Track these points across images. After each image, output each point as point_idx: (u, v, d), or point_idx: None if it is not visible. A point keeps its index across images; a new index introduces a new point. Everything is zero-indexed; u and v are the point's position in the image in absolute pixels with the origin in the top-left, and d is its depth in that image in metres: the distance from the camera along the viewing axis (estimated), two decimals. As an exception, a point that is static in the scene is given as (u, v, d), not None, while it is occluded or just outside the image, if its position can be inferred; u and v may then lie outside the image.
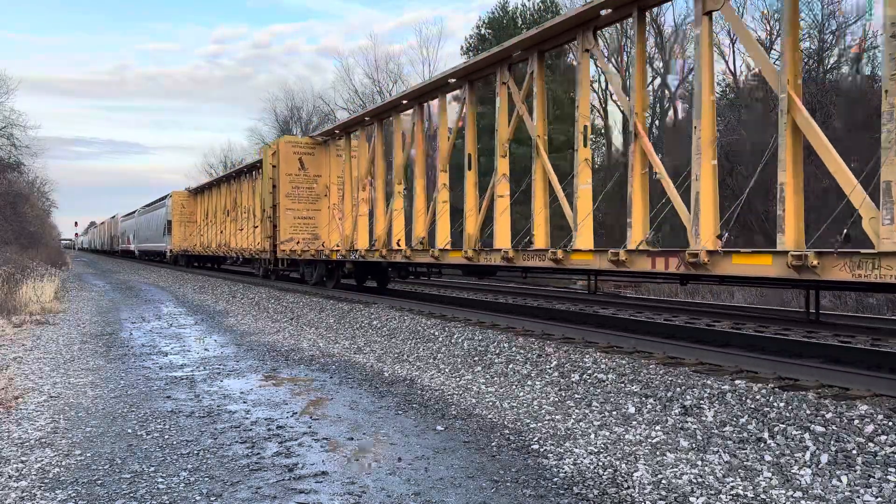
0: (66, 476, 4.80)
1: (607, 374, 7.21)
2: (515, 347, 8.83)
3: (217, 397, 7.15)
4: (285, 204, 19.96)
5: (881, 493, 4.22)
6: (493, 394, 7.16)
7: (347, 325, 12.48)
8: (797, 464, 4.73)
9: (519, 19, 37.54)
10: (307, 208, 20.15)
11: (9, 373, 8.22)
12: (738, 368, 7.27)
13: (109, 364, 9.18)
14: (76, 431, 5.88)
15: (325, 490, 4.51)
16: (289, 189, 19.92)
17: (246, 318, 14.49)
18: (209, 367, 8.88)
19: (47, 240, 51.88)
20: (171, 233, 38.40)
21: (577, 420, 6.07)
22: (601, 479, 4.66)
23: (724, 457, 4.98)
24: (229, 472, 4.85)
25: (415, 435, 5.74)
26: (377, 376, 8.20)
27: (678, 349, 8.19)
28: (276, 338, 11.57)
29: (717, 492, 4.37)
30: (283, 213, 19.87)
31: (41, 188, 54.18)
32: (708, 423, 5.65)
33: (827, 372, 6.74)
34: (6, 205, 36.97)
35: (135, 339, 11.70)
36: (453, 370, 8.42)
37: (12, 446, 5.45)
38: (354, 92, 49.52)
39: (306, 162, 20.23)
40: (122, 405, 6.81)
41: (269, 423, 6.08)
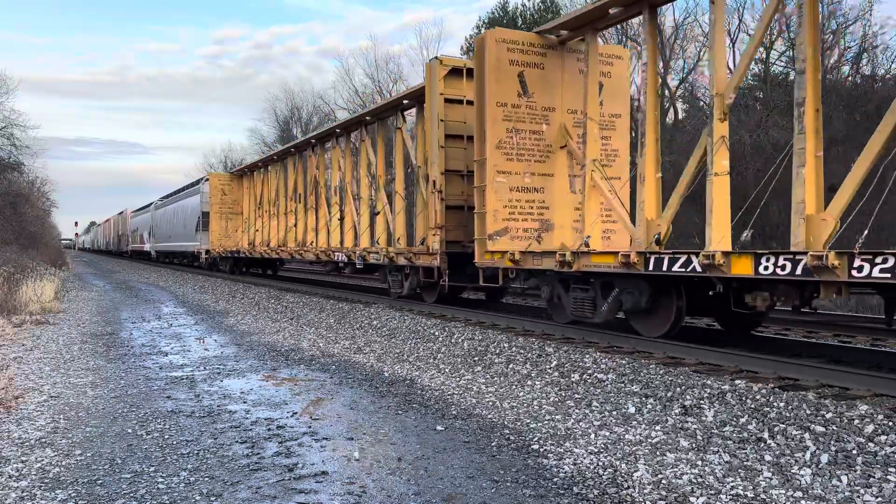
0: (67, 476, 4.80)
1: (607, 374, 7.22)
2: (515, 347, 8.83)
3: (217, 397, 7.15)
4: (495, 163, 10.84)
5: (881, 493, 4.22)
6: (493, 394, 7.16)
7: (347, 325, 12.47)
8: (797, 464, 4.73)
9: (519, 19, 37.55)
10: (532, 173, 11.15)
11: (9, 373, 8.22)
12: (738, 368, 7.28)
13: (109, 364, 9.18)
14: (76, 431, 5.88)
15: (325, 490, 4.51)
16: (502, 134, 10.84)
17: (246, 318, 14.49)
18: (209, 367, 8.88)
19: (47, 240, 51.87)
20: (208, 228, 29.39)
21: (577, 420, 6.07)
22: (601, 478, 4.66)
23: (724, 457, 4.98)
24: (229, 472, 4.85)
25: (415, 435, 5.74)
26: (377, 376, 8.20)
27: (678, 349, 8.19)
28: (277, 338, 11.57)
29: (717, 492, 4.37)
30: (491, 179, 10.86)
31: (41, 188, 53.98)
32: (708, 423, 5.65)
33: (827, 372, 6.74)
34: (6, 205, 36.97)
35: (135, 338, 11.70)
36: (453, 370, 8.42)
37: (12, 446, 5.45)
38: (354, 92, 49.58)
39: (531, 80, 11.05)
40: (123, 405, 6.81)
41: (270, 423, 6.08)
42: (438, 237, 12.62)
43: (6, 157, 38.06)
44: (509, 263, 10.48)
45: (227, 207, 29.21)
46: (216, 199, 29.08)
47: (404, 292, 14.37)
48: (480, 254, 11.08)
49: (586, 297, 9.47)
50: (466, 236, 12.49)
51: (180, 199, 36.70)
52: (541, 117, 11.30)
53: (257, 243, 25.95)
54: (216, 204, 29.04)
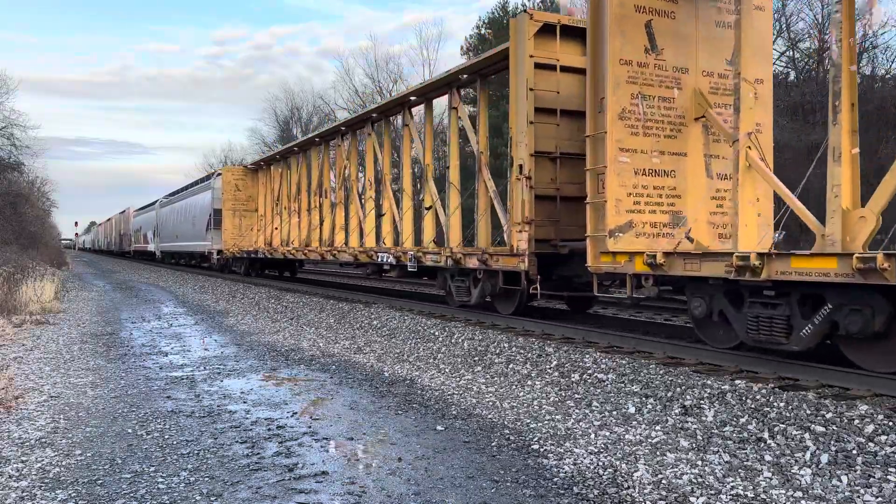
0: (67, 476, 4.80)
1: (607, 374, 7.22)
2: (515, 347, 8.83)
3: (217, 397, 7.15)
4: (618, 137, 8.58)
5: (881, 492, 4.22)
6: (493, 394, 7.16)
7: (347, 325, 12.48)
8: (797, 464, 4.74)
9: (519, 19, 37.51)
10: (660, 151, 8.92)
11: (9, 373, 8.22)
12: (738, 368, 7.27)
13: (109, 364, 9.18)
14: (76, 431, 5.88)
15: (325, 490, 4.51)
16: (625, 101, 8.68)
17: (246, 318, 14.49)
18: (209, 367, 8.88)
19: (47, 240, 51.86)
20: (221, 227, 26.84)
21: (577, 420, 6.07)
22: (601, 478, 4.66)
23: (724, 457, 4.98)
24: (229, 472, 4.85)
25: (415, 435, 5.74)
26: (377, 376, 8.20)
27: (678, 349, 8.18)
28: (277, 338, 11.57)
29: (717, 492, 4.37)
30: (612, 159, 8.50)
31: (41, 188, 53.96)
32: (708, 423, 5.65)
33: (827, 372, 6.74)
34: (6, 205, 36.97)
35: (135, 338, 11.70)
36: (453, 370, 8.42)
37: (13, 446, 5.45)
38: (354, 92, 49.59)
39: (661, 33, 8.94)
40: (123, 405, 6.81)
41: (270, 423, 6.08)
42: (526, 234, 10.22)
43: (6, 157, 38.09)
44: (643, 268, 7.96)
45: (241, 204, 26.41)
46: (229, 196, 26.26)
47: (472, 300, 11.99)
48: (594, 255, 8.65)
49: (776, 316, 6.93)
50: (557, 234, 10.63)
51: (189, 196, 33.91)
52: (671, 80, 8.98)
53: (276, 243, 23.26)
54: (229, 200, 26.25)
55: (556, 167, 10.96)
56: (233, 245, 26.23)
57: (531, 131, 10.48)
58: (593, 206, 8.75)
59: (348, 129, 18.38)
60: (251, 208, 26.54)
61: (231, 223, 26.32)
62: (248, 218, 26.46)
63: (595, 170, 8.77)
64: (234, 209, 26.39)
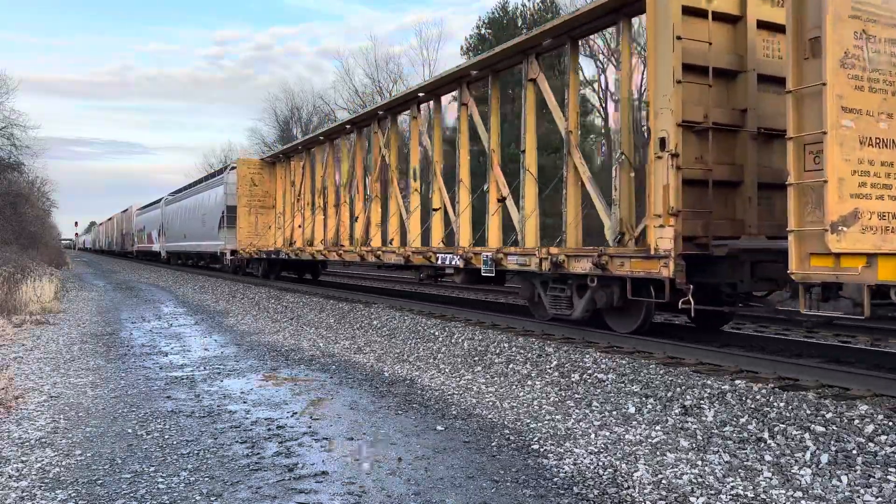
0: (67, 476, 4.80)
1: (607, 374, 7.22)
2: (515, 347, 8.83)
3: (217, 397, 7.15)
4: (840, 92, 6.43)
5: (881, 493, 4.22)
6: (493, 394, 7.16)
7: (347, 325, 12.48)
8: (797, 464, 4.74)
9: (519, 20, 37.56)
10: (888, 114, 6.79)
11: (9, 373, 8.22)
12: (738, 368, 7.28)
13: (109, 364, 9.18)
14: (76, 431, 5.88)
15: (325, 490, 4.51)
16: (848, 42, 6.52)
17: (246, 318, 14.49)
18: (209, 367, 8.88)
19: (47, 240, 51.83)
20: (235, 225, 24.70)
21: (577, 420, 6.07)
22: (601, 478, 4.66)
23: (724, 457, 4.98)
24: (229, 472, 4.85)
25: (415, 435, 5.74)
26: (377, 376, 8.20)
27: (678, 349, 8.19)
28: (277, 338, 11.57)
29: (717, 492, 4.37)
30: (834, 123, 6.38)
31: (41, 188, 54.00)
32: (708, 423, 5.66)
33: (827, 372, 6.74)
34: (6, 205, 36.97)
35: (135, 338, 11.70)
36: (453, 370, 8.42)
37: (12, 446, 5.45)
38: (354, 92, 49.57)
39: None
40: (123, 405, 6.81)
41: (270, 423, 6.08)
42: (671, 231, 7.92)
43: (6, 157, 38.08)
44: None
45: (258, 200, 24.22)
46: (244, 191, 24.00)
47: (575, 314, 9.64)
48: (802, 257, 6.56)
49: None
50: (705, 229, 8.31)
51: (199, 192, 31.65)
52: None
53: (299, 243, 21.08)
54: (244, 196, 24.00)
55: (705, 142, 8.44)
56: (248, 245, 24.02)
57: (678, 94, 8.10)
58: (800, 189, 6.58)
59: (387, 112, 16.13)
60: (268, 205, 24.26)
61: (246, 221, 24.03)
62: (266, 215, 24.14)
63: (802, 139, 6.58)
64: (250, 206, 24.07)
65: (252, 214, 24.15)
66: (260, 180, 24.38)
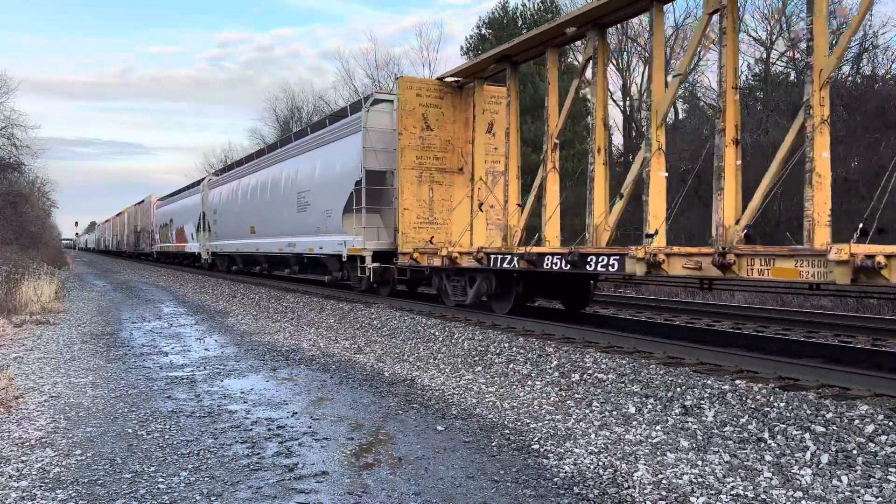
0: (67, 476, 4.80)
1: (607, 374, 7.21)
2: (516, 347, 8.83)
3: (217, 397, 7.15)
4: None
5: (881, 493, 4.22)
6: (493, 394, 7.16)
7: (348, 325, 12.47)
8: (797, 464, 4.74)
9: (519, 20, 37.56)
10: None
11: (9, 373, 8.22)
12: (739, 368, 7.28)
13: (110, 364, 9.18)
14: (76, 431, 5.88)
15: (325, 490, 4.51)
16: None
17: (246, 318, 14.49)
18: (209, 367, 8.88)
19: (48, 240, 51.84)
20: (381, 205, 14.66)
21: (577, 420, 6.07)
22: (601, 478, 4.66)
23: (724, 457, 4.98)
24: (230, 471, 4.85)
25: (415, 435, 5.74)
26: (377, 376, 8.20)
27: (678, 349, 8.19)
28: (277, 337, 11.57)
29: (717, 492, 4.37)
30: None
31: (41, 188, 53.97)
32: (708, 423, 5.65)
33: (827, 372, 6.74)
34: (7, 205, 36.98)
35: (135, 338, 11.70)
36: (454, 370, 8.42)
37: (13, 446, 5.45)
38: (354, 92, 49.50)
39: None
40: (123, 405, 6.81)
41: (270, 423, 6.08)
42: None
43: (6, 157, 38.08)
44: None
45: (433, 158, 13.84)
46: (411, 140, 13.55)
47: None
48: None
49: None
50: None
51: (295, 156, 19.05)
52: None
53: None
54: (410, 150, 13.56)
55: None
56: (419, 241, 13.47)
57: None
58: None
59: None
60: (449, 167, 13.92)
61: (414, 196, 13.59)
62: (445, 186, 13.87)
63: None
64: (421, 168, 13.66)
65: (424, 183, 13.60)
66: (439, 120, 13.62)
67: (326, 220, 16.40)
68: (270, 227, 20.74)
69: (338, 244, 15.63)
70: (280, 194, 20.01)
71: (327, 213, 16.33)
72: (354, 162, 14.87)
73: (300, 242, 18.12)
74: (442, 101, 13.95)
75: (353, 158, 15.03)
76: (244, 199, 23.83)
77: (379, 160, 14.39)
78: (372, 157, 14.36)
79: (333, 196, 16.00)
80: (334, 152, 16.30)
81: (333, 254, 15.99)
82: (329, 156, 16.65)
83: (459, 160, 14.11)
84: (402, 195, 13.61)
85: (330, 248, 16.17)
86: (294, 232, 18.59)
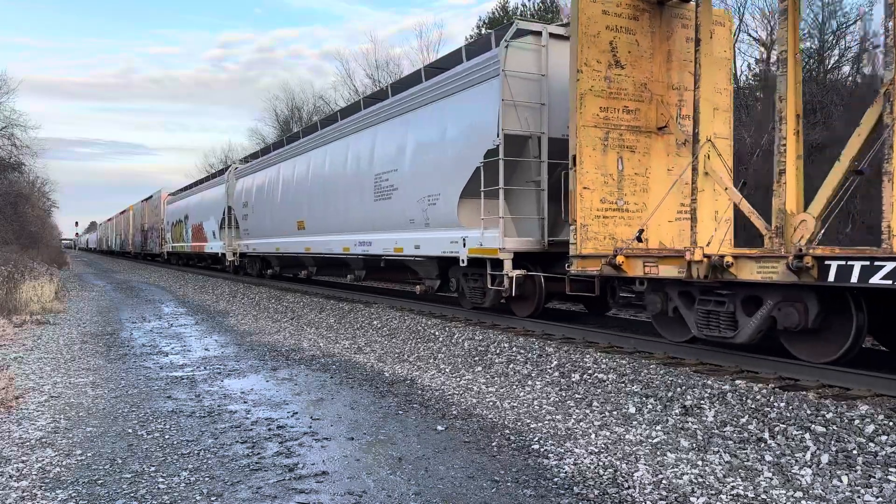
0: (67, 476, 4.80)
1: (608, 374, 7.21)
2: (516, 347, 8.83)
3: (217, 397, 7.15)
4: None
5: (882, 493, 4.22)
6: (493, 394, 7.16)
7: (348, 325, 12.47)
8: (798, 464, 4.73)
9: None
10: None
11: (9, 373, 8.23)
12: (739, 368, 7.27)
13: (110, 364, 9.19)
14: (77, 431, 5.88)
15: (325, 490, 4.51)
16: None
17: (246, 318, 14.49)
18: (210, 367, 8.88)
19: (48, 240, 51.83)
20: (573, 184, 8.79)
21: (577, 420, 6.07)
22: (602, 479, 4.66)
23: (724, 457, 4.98)
24: (230, 472, 4.85)
25: (415, 435, 5.74)
26: (378, 376, 8.20)
27: (678, 349, 8.18)
28: (277, 338, 11.57)
29: (717, 492, 4.37)
30: None
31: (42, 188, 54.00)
32: (708, 423, 5.65)
33: (827, 372, 6.73)
34: (7, 205, 36.99)
35: (135, 338, 11.70)
36: (454, 370, 8.42)
37: (13, 446, 5.45)
38: (355, 91, 49.49)
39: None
40: (123, 405, 6.81)
41: (270, 423, 6.08)
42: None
43: (6, 157, 38.09)
44: None
45: (622, 111, 9.12)
46: (593, 84, 8.86)
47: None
48: None
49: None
50: None
51: (363, 129, 14.86)
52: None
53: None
54: (593, 97, 8.87)
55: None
56: (611, 237, 9.07)
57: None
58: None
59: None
60: (645, 124, 9.38)
61: (598, 170, 9.00)
62: (641, 154, 9.35)
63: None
64: (607, 124, 9.03)
65: (610, 150, 9.13)
66: (631, 53, 9.26)
67: (428, 209, 11.96)
68: (329, 221, 16.42)
69: (450, 242, 11.27)
70: (346, 179, 15.47)
71: (430, 199, 11.95)
72: (483, 123, 10.41)
73: (379, 240, 13.79)
74: (637, 24, 9.27)
75: (480, 119, 10.55)
76: (288, 189, 19.42)
77: (521, 120, 10.06)
78: (512, 116, 10.01)
79: (442, 176, 11.54)
80: (445, 113, 11.65)
81: (440, 256, 11.74)
82: (433, 120, 12.01)
83: (659, 114, 9.41)
84: (582, 167, 8.81)
85: (434, 247, 11.81)
86: (369, 227, 14.22)
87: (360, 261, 15.74)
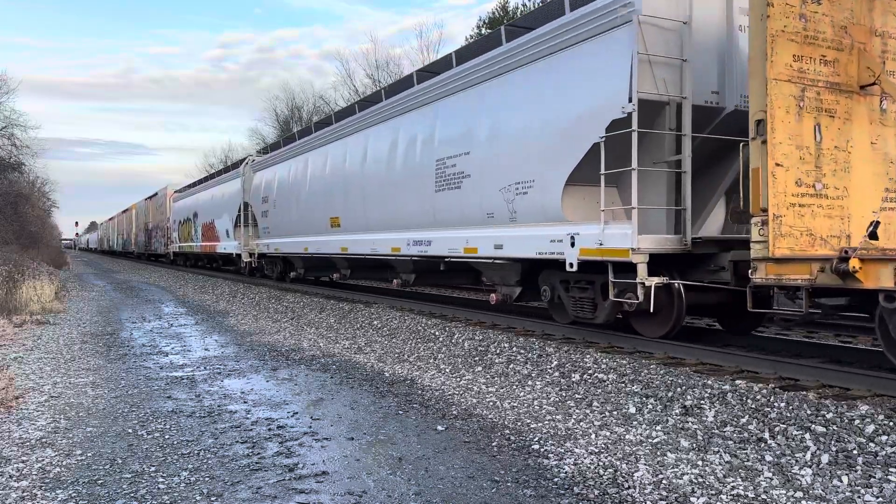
0: (67, 476, 4.80)
1: (608, 375, 7.21)
2: (516, 347, 8.83)
3: (217, 397, 7.15)
4: None
5: (882, 493, 4.22)
6: (493, 394, 7.16)
7: (348, 325, 12.48)
8: (798, 464, 4.73)
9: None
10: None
11: (9, 373, 8.23)
12: (739, 368, 7.27)
13: (110, 364, 9.19)
14: (77, 431, 5.88)
15: (325, 490, 4.51)
16: None
17: (246, 318, 14.49)
18: (210, 367, 8.88)
19: (48, 240, 51.82)
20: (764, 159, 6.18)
21: (577, 420, 6.07)
22: (602, 479, 4.66)
23: (724, 457, 4.98)
24: (230, 472, 4.85)
25: (415, 435, 5.74)
26: (378, 376, 8.20)
27: (678, 349, 8.18)
28: (277, 337, 11.57)
29: (717, 492, 4.37)
30: None
31: (42, 188, 53.99)
32: (708, 423, 5.65)
33: (827, 372, 6.74)
34: (7, 205, 37.00)
35: (135, 338, 11.70)
36: (454, 370, 8.42)
37: (13, 446, 5.45)
38: (355, 91, 49.50)
39: None
40: (123, 405, 6.81)
41: (270, 423, 6.08)
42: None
43: (6, 157, 38.09)
44: None
45: (819, 63, 6.49)
46: (786, 25, 6.28)
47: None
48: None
49: None
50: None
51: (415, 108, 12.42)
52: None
53: None
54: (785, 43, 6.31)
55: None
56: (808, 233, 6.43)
57: None
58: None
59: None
60: (846, 81, 6.65)
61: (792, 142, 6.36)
62: (841, 120, 6.63)
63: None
64: (802, 79, 6.41)
65: (805, 115, 6.43)
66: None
67: (516, 199, 9.58)
68: (371, 217, 13.98)
69: (549, 241, 8.92)
70: (396, 168, 12.93)
71: (519, 188, 9.49)
72: (604, 87, 8.09)
73: (442, 239, 11.41)
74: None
75: (598, 81, 8.23)
76: (319, 182, 16.78)
77: (658, 81, 7.88)
78: (648, 75, 7.79)
79: (539, 157, 9.14)
80: (542, 78, 9.22)
81: (534, 258, 9.37)
82: (523, 88, 9.57)
83: (863, 67, 6.84)
84: (774, 136, 6.39)
85: (525, 247, 9.44)
86: (427, 223, 11.89)
87: (411, 263, 13.22)
